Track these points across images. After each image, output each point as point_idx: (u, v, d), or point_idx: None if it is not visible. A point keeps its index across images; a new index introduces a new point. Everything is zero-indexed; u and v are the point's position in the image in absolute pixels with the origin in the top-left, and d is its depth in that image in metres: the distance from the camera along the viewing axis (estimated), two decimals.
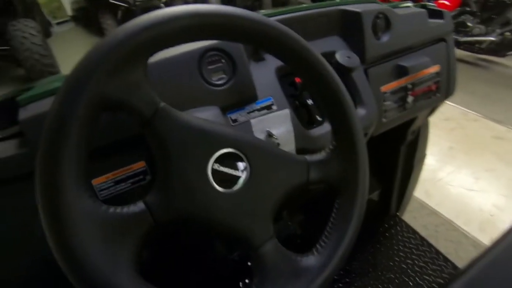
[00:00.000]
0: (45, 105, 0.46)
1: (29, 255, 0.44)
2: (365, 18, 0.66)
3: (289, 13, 0.64)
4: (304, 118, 0.62)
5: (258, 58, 0.61)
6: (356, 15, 0.66)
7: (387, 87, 0.73)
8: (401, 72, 0.74)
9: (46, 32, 4.22)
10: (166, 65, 0.50)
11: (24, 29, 2.64)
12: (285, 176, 0.37)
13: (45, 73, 2.83)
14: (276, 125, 0.56)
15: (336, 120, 0.40)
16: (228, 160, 0.35)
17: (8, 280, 0.45)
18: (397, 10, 0.72)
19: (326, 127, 0.62)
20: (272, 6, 4.54)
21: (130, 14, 3.44)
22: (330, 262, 0.36)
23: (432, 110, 0.92)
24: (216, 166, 0.34)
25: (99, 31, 3.60)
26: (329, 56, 0.61)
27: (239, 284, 0.80)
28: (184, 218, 0.32)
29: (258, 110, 0.58)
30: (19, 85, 3.10)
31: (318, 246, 0.39)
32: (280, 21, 0.62)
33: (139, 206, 0.31)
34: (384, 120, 0.75)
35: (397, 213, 1.26)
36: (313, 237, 0.44)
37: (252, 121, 0.53)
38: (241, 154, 0.35)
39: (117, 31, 0.29)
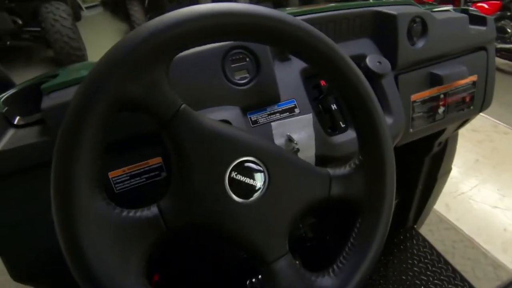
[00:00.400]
0: (68, 94, 0.46)
1: (48, 242, 0.45)
2: (400, 21, 0.62)
3: (319, 12, 0.61)
4: (326, 124, 0.60)
5: (283, 58, 0.59)
6: (391, 18, 0.62)
7: (417, 96, 0.69)
8: (434, 81, 0.69)
9: (76, 15, 4.34)
10: (189, 61, 0.48)
11: (56, 12, 2.71)
12: (305, 190, 0.35)
13: (73, 55, 2.92)
14: (297, 129, 0.53)
15: (364, 131, 0.38)
16: (247, 169, 0.33)
17: (27, 265, 0.46)
18: (435, 14, 0.67)
19: (349, 135, 0.60)
20: (298, 4, 4.46)
21: (157, 1, 3.47)
22: (346, 286, 0.34)
23: (463, 123, 0.87)
24: (234, 175, 0.32)
25: (126, 17, 3.66)
26: (359, 59, 0.58)
27: (246, 282, 0.79)
28: (197, 226, 0.31)
29: (280, 112, 0.56)
30: (48, 65, 3.21)
31: (335, 266, 0.36)
32: (310, 20, 0.59)
33: (153, 211, 0.30)
34: (411, 130, 0.71)
35: (414, 226, 1.21)
36: (324, 241, 0.42)
37: (273, 124, 0.51)
38: (260, 164, 0.33)
39: (141, 28, 0.28)
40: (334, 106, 0.62)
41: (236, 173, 0.32)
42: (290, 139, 0.52)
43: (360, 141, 0.38)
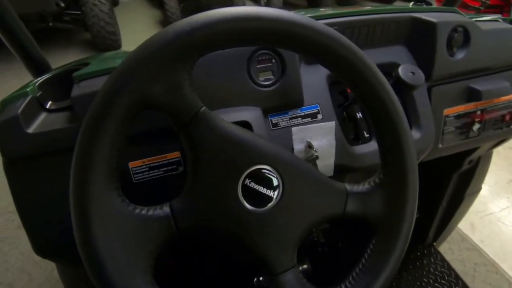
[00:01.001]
0: (97, 84, 0.47)
1: (70, 222, 0.47)
2: (440, 29, 0.58)
3: (352, 15, 0.59)
4: (349, 132, 0.58)
5: (310, 61, 0.57)
6: (430, 25, 0.58)
7: (451, 110, 0.65)
8: (472, 95, 0.64)
9: (114, 1, 4.48)
10: (215, 59, 0.48)
11: None
12: (320, 204, 0.34)
13: (108, 39, 3.04)
14: (318, 136, 0.52)
15: (387, 149, 0.36)
16: (262, 177, 0.32)
17: (49, 241, 0.48)
18: (481, 24, 0.62)
19: (372, 146, 0.57)
20: (332, 3, 4.33)
21: None
22: None
23: (499, 142, 0.81)
24: (248, 182, 0.32)
25: (160, 4, 3.73)
26: (391, 67, 0.55)
27: (253, 280, 0.79)
28: (206, 230, 0.31)
29: (302, 117, 0.54)
30: (85, 47, 3.35)
31: (346, 284, 0.35)
32: (341, 23, 0.57)
33: (165, 210, 0.30)
34: (440, 145, 0.67)
35: (434, 243, 1.15)
36: (336, 247, 0.41)
37: (294, 129, 0.50)
38: (275, 173, 0.33)
39: (168, 29, 0.28)
40: (359, 115, 0.59)
41: (250, 180, 0.32)
42: (309, 146, 0.51)
43: (382, 159, 0.36)
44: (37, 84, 0.51)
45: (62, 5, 2.83)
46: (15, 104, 0.46)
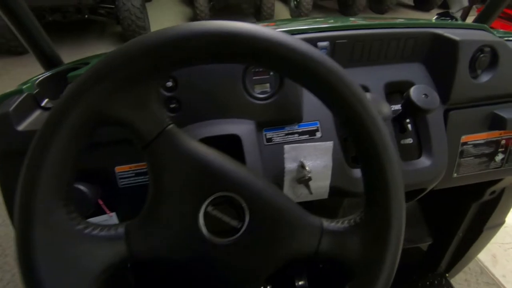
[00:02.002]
0: None
1: None
2: (463, 49, 0.52)
3: (366, 28, 0.54)
4: (350, 153, 0.54)
5: None
6: (452, 43, 0.53)
7: (469, 138, 0.59)
8: (496, 123, 0.58)
9: None
10: (210, 67, 0.46)
11: None
12: (290, 240, 0.31)
13: (137, 33, 3.14)
14: (312, 156, 0.48)
15: (371, 186, 0.31)
16: (226, 206, 0.30)
17: None
18: (510, 45, 0.56)
19: None
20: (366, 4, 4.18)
21: None
22: None
23: None
24: (211, 209, 0.29)
25: (190, 2, 3.78)
26: (405, 86, 0.50)
27: None
28: (161, 258, 0.29)
29: (299, 133, 0.51)
30: (116, 40, 3.48)
31: None
32: (353, 36, 0.53)
33: (119, 231, 0.29)
34: (455, 175, 0.61)
35: (446, 274, 1.07)
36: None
37: (286, 146, 0.47)
38: (243, 202, 0.30)
39: (130, 43, 0.26)
40: None
41: (213, 208, 0.29)
42: (302, 165, 0.48)
43: (365, 196, 0.32)
44: (37, 81, 0.52)
45: None
46: (10, 100, 0.46)
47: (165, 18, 4.12)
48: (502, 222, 0.91)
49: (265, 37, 0.26)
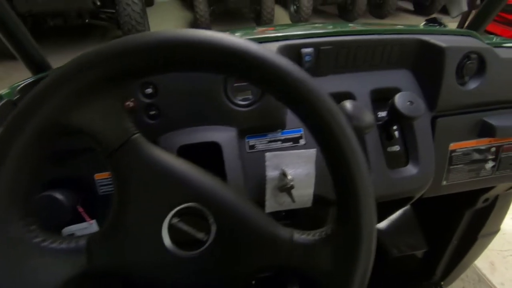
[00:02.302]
0: None
1: None
2: (449, 55, 0.52)
3: (356, 34, 0.54)
4: None
5: None
6: (438, 50, 0.52)
7: (458, 145, 0.58)
8: (485, 131, 0.57)
9: (150, 1, 4.65)
10: (190, 74, 0.46)
11: None
12: (258, 252, 0.30)
13: None
14: (295, 164, 0.48)
15: (339, 194, 0.30)
16: (192, 217, 0.29)
17: None
18: (501, 51, 0.55)
19: None
20: (367, 8, 4.19)
21: None
22: None
23: None
24: (175, 221, 0.29)
25: (191, 7, 3.81)
26: (391, 93, 0.50)
27: None
28: (124, 272, 0.28)
29: (282, 140, 0.51)
30: None
31: None
32: (341, 42, 0.52)
33: (80, 244, 0.28)
34: (444, 182, 0.60)
35: (442, 282, 1.05)
36: None
37: (267, 154, 0.47)
38: (209, 213, 0.29)
39: (90, 52, 0.26)
40: None
41: (178, 220, 0.29)
42: (284, 174, 0.47)
43: (336, 208, 0.31)
44: (18, 88, 0.52)
45: (98, 3, 2.98)
46: None
47: (166, 23, 4.16)
48: (497, 230, 0.90)
49: (227, 45, 0.25)
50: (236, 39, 0.25)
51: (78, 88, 0.25)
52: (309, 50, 0.51)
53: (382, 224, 1.05)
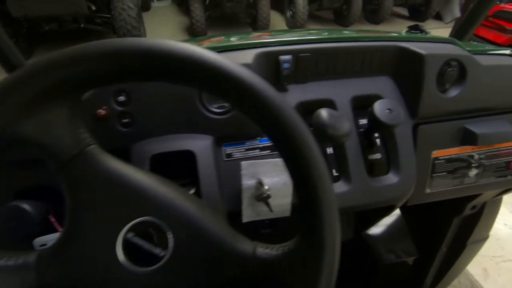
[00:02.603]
0: None
1: None
2: (429, 63, 0.51)
3: (336, 41, 0.53)
4: None
5: (279, 88, 0.53)
6: (418, 58, 0.52)
7: (441, 153, 0.57)
8: (468, 138, 0.57)
9: (146, 6, 4.66)
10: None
11: (124, 2, 2.95)
12: (217, 268, 0.29)
13: None
14: (272, 173, 0.47)
15: (302, 207, 0.29)
16: (149, 232, 0.28)
17: None
18: (481, 59, 0.55)
19: (340, 187, 0.51)
20: (361, 13, 4.21)
21: (217, 1, 3.56)
22: None
23: (507, 190, 0.71)
24: (130, 236, 0.28)
25: (187, 12, 3.82)
26: (372, 100, 0.49)
27: None
28: None
29: (260, 148, 0.50)
30: None
31: None
32: (320, 50, 0.52)
33: (28, 260, 0.27)
34: (428, 190, 0.59)
35: None
36: None
37: (243, 163, 0.46)
38: (166, 228, 0.28)
39: (34, 63, 0.25)
40: (330, 150, 0.54)
41: (133, 234, 0.28)
42: (260, 183, 0.46)
43: (300, 221, 0.30)
44: None
45: (94, 8, 2.98)
46: None
47: (162, 28, 4.16)
48: (486, 237, 0.89)
49: (181, 54, 0.25)
50: (188, 46, 0.25)
51: (21, 98, 0.25)
52: (287, 57, 0.50)
53: (373, 232, 1.05)
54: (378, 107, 0.47)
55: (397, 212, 1.06)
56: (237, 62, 0.47)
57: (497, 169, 0.61)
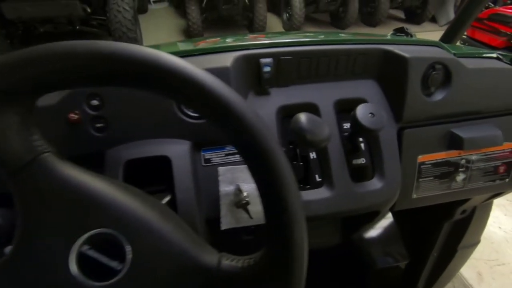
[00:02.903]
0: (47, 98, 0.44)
1: None
2: (413, 66, 0.50)
3: (318, 44, 0.52)
4: (299, 174, 0.51)
5: (261, 91, 0.52)
6: (402, 61, 0.51)
7: (427, 157, 0.56)
8: (454, 142, 0.56)
9: (143, 8, 4.66)
10: None
11: (120, 4, 2.94)
12: (180, 281, 0.28)
13: None
14: (251, 179, 0.46)
15: (268, 218, 0.27)
16: (106, 244, 0.27)
17: None
18: (467, 62, 0.54)
19: (322, 192, 0.50)
20: (358, 16, 4.23)
21: (213, 2, 3.56)
22: None
23: (496, 194, 0.70)
24: (85, 249, 0.26)
25: (184, 14, 3.82)
26: (356, 104, 0.48)
27: None
28: None
29: None
30: None
31: None
32: (302, 52, 0.51)
33: None
34: (415, 195, 0.58)
35: None
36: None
37: (220, 169, 0.45)
38: (124, 241, 0.27)
39: None
40: (313, 155, 0.52)
41: (89, 247, 0.26)
42: (239, 189, 0.45)
43: (266, 232, 0.29)
44: None
45: (89, 10, 2.97)
46: None
47: (159, 30, 4.16)
48: (477, 242, 0.88)
49: (143, 59, 0.23)
50: (142, 49, 0.24)
51: None
52: (268, 60, 0.49)
53: (365, 236, 1.04)
54: (360, 111, 0.46)
55: (389, 216, 1.05)
56: (215, 65, 0.46)
57: (485, 174, 0.60)
